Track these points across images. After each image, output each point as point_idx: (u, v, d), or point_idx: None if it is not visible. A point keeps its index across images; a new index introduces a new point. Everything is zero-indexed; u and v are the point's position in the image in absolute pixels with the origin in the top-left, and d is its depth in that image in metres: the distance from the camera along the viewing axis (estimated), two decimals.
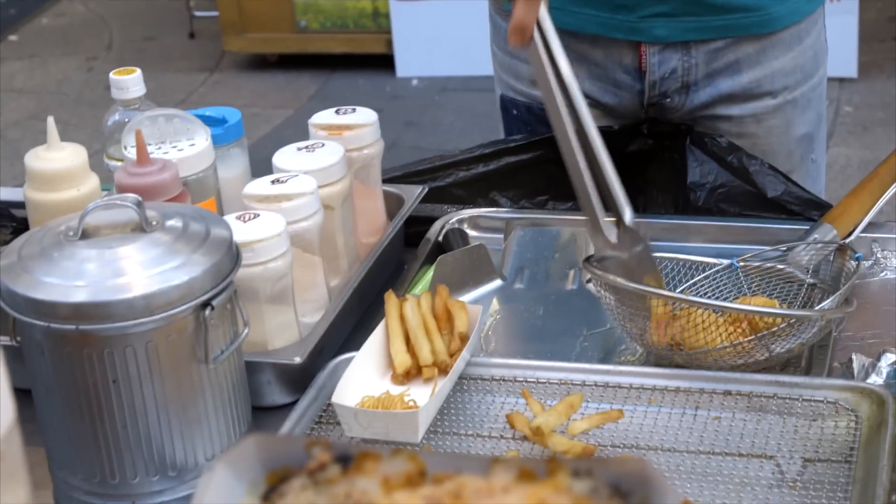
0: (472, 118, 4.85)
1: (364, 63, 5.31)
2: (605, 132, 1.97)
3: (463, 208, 1.92)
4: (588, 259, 1.60)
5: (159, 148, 1.67)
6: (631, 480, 0.82)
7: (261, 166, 1.77)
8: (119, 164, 1.69)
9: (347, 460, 0.87)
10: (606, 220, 1.45)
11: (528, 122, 2.03)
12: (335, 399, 1.45)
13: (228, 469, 0.86)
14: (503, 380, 1.54)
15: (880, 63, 5.06)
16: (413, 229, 1.87)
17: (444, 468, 0.86)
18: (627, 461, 0.83)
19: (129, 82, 1.73)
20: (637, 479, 0.82)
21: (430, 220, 1.89)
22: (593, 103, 1.99)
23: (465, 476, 0.85)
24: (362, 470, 0.86)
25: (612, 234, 1.45)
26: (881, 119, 4.63)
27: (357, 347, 1.54)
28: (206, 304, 1.35)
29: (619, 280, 1.51)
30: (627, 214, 1.46)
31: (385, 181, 1.87)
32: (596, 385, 1.51)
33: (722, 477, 1.37)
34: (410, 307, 1.55)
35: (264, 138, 4.62)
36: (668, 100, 1.95)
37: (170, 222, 1.39)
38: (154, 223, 1.38)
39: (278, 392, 1.55)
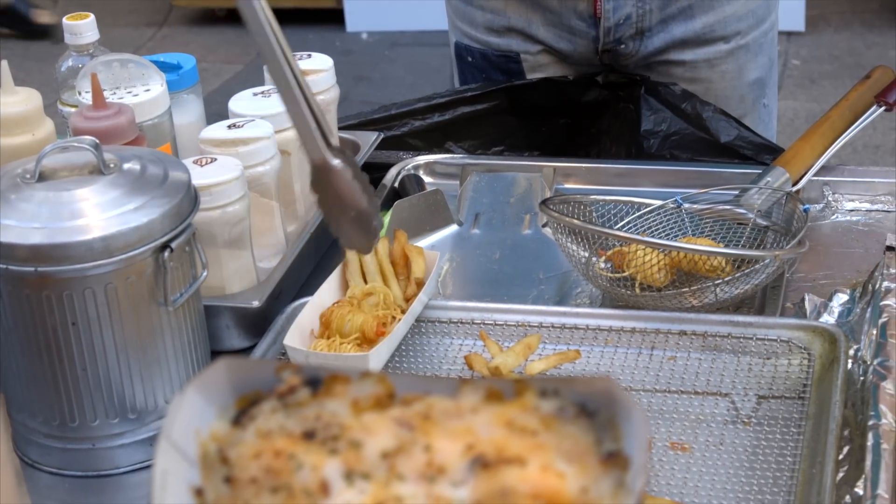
0: (423, 73, 4.85)
1: (314, 17, 5.28)
2: (560, 82, 2.00)
3: (419, 155, 1.92)
4: (545, 202, 1.62)
5: (114, 93, 1.66)
6: (597, 399, 0.84)
7: (211, 120, 1.76)
8: (73, 109, 1.68)
9: (317, 383, 0.88)
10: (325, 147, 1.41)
11: (483, 68, 2.04)
12: (287, 342, 1.45)
13: (199, 393, 0.87)
14: (461, 322, 1.55)
15: (827, 17, 5.10)
16: (369, 176, 1.86)
17: (412, 390, 0.87)
18: (594, 381, 0.84)
19: (83, 27, 1.72)
20: (603, 397, 0.84)
21: (386, 167, 1.90)
22: (548, 49, 2.00)
23: (433, 397, 0.86)
24: (332, 393, 0.87)
25: (332, 159, 1.40)
26: (828, 72, 4.67)
27: (314, 292, 1.54)
28: (165, 247, 1.35)
29: (576, 221, 1.53)
30: (335, 141, 1.42)
31: (340, 129, 1.87)
32: (553, 327, 1.53)
33: (678, 414, 1.39)
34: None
35: (214, 93, 4.59)
36: (623, 46, 1.96)
37: (127, 165, 1.39)
38: (112, 166, 1.37)
39: (237, 336, 1.56)
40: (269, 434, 0.86)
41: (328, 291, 1.54)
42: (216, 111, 1.73)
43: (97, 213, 1.33)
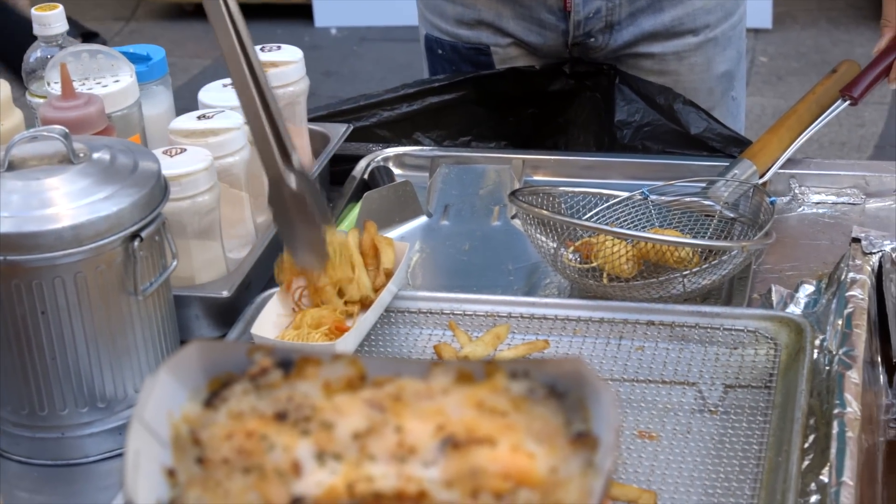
0: (392, 68, 4.85)
1: (282, 12, 5.28)
2: (527, 72, 2.01)
3: (388, 146, 1.93)
4: (514, 193, 1.63)
5: (83, 84, 1.66)
6: (567, 380, 0.85)
7: (180, 114, 1.76)
8: (42, 100, 1.68)
9: (289, 365, 0.88)
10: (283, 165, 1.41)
11: (453, 61, 2.04)
12: (255, 331, 1.45)
13: (171, 375, 0.87)
14: (430, 312, 1.55)
15: (794, 14, 5.13)
16: (339, 167, 1.87)
17: (383, 372, 0.87)
18: (564, 362, 0.85)
19: (52, 18, 1.71)
20: (573, 379, 0.84)
21: (356, 159, 1.90)
22: (518, 42, 2.01)
23: (404, 379, 0.87)
24: (303, 375, 0.87)
25: (289, 178, 1.40)
26: (795, 69, 4.70)
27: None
28: (134, 236, 1.35)
29: (544, 212, 1.53)
30: (295, 159, 1.42)
31: (310, 121, 1.87)
32: (522, 317, 1.54)
33: (646, 403, 1.40)
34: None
35: (182, 87, 4.59)
36: (592, 39, 1.97)
37: (97, 154, 1.38)
38: (81, 155, 1.37)
39: (206, 326, 1.56)
40: (240, 415, 0.86)
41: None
42: (184, 106, 1.73)
43: (66, 202, 1.33)
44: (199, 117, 1.63)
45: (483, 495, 0.81)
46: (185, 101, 1.72)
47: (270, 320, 1.49)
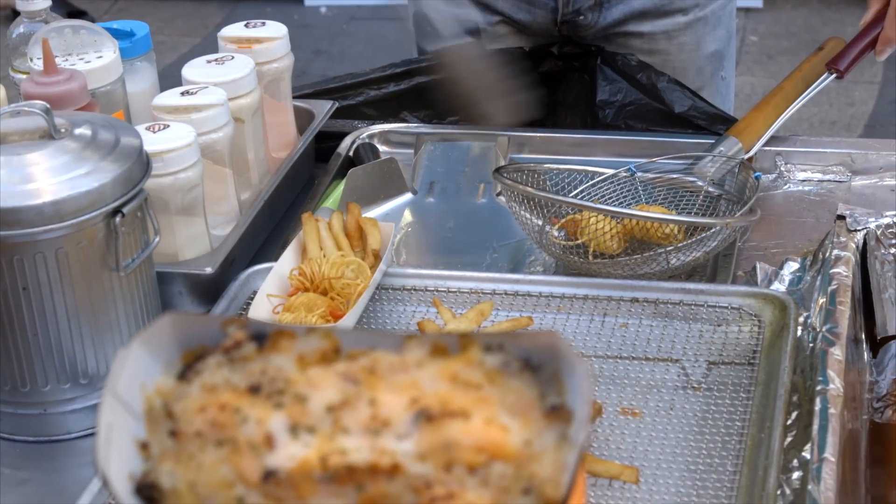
0: (382, 47, 4.84)
1: None
2: (515, 53, 2.00)
3: (374, 124, 1.92)
4: (499, 170, 1.62)
5: (66, 60, 1.65)
6: (541, 354, 0.84)
7: None
8: (25, 76, 1.67)
9: (263, 338, 0.88)
10: None
11: (443, 38, 2.03)
12: (252, 314, 1.44)
13: (144, 348, 0.87)
14: (414, 289, 1.55)
15: None
16: (324, 145, 1.87)
17: (358, 345, 0.87)
18: (538, 335, 0.85)
19: None
20: (547, 352, 0.84)
21: (341, 136, 1.89)
22: (507, 20, 2.00)
23: (379, 352, 0.86)
24: (277, 348, 0.87)
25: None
26: (786, 48, 4.69)
27: (267, 260, 1.54)
28: (116, 212, 1.35)
29: (529, 189, 1.53)
30: None
31: (295, 98, 1.86)
32: (506, 294, 1.53)
33: (629, 380, 1.40)
34: (323, 227, 1.55)
35: (171, 66, 4.57)
36: (582, 17, 1.96)
37: (79, 130, 1.38)
38: (63, 130, 1.37)
39: (190, 303, 1.55)
40: (214, 388, 0.86)
41: (289, 259, 1.53)
42: (173, 84, 1.71)
43: (48, 177, 1.32)
44: (182, 93, 1.62)
45: (456, 468, 0.81)
46: (175, 80, 1.71)
47: (263, 303, 1.48)
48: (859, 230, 1.55)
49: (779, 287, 1.53)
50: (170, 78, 1.78)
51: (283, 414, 0.84)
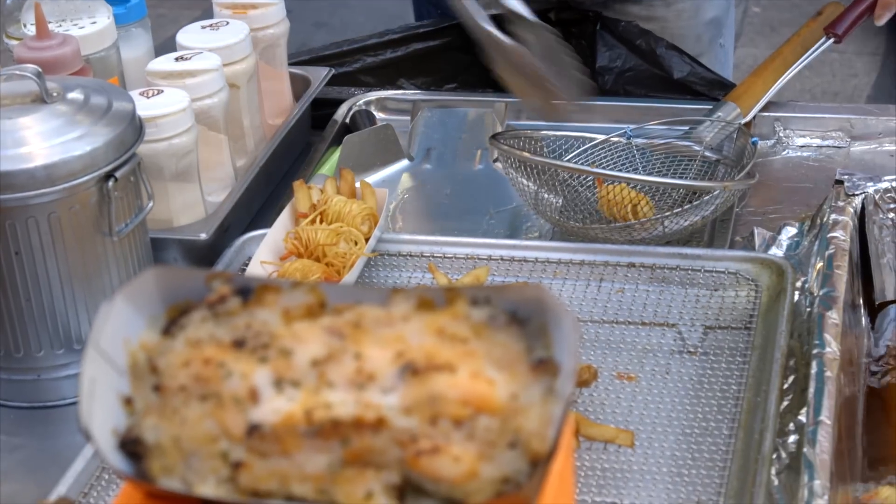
0: (383, 19, 4.80)
1: None
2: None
3: (370, 90, 1.91)
4: (495, 136, 1.61)
5: (60, 26, 1.64)
6: (528, 307, 0.84)
7: None
8: (18, 42, 1.66)
9: (248, 293, 0.87)
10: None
11: (440, 5, 2.02)
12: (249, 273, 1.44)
13: (128, 303, 0.86)
14: (410, 255, 1.54)
15: None
16: (321, 112, 1.86)
17: (344, 300, 0.86)
18: (525, 288, 0.84)
19: None
20: (534, 305, 0.83)
21: (338, 103, 1.88)
22: None
23: (364, 307, 0.86)
24: (262, 302, 0.86)
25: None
26: (788, 20, 4.66)
27: (263, 227, 1.53)
28: (109, 176, 1.34)
29: (525, 154, 1.52)
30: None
31: (291, 65, 1.85)
32: (502, 259, 1.52)
33: (625, 345, 1.39)
34: (316, 194, 1.55)
35: (170, 39, 4.55)
36: None
37: (71, 94, 1.37)
38: (55, 94, 1.36)
39: None
40: (198, 343, 0.85)
41: (283, 226, 1.52)
42: None
43: (39, 141, 1.31)
44: (177, 59, 1.61)
45: (442, 422, 0.80)
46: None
47: (258, 270, 1.47)
48: (857, 195, 1.54)
49: (776, 252, 1.52)
50: (169, 50, 1.77)
51: (267, 368, 0.83)
